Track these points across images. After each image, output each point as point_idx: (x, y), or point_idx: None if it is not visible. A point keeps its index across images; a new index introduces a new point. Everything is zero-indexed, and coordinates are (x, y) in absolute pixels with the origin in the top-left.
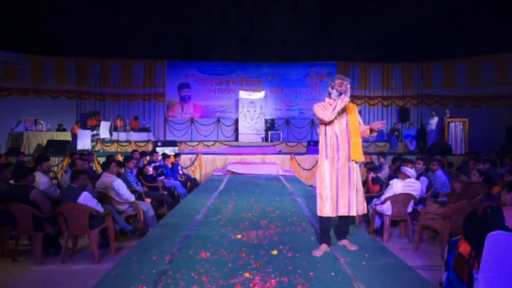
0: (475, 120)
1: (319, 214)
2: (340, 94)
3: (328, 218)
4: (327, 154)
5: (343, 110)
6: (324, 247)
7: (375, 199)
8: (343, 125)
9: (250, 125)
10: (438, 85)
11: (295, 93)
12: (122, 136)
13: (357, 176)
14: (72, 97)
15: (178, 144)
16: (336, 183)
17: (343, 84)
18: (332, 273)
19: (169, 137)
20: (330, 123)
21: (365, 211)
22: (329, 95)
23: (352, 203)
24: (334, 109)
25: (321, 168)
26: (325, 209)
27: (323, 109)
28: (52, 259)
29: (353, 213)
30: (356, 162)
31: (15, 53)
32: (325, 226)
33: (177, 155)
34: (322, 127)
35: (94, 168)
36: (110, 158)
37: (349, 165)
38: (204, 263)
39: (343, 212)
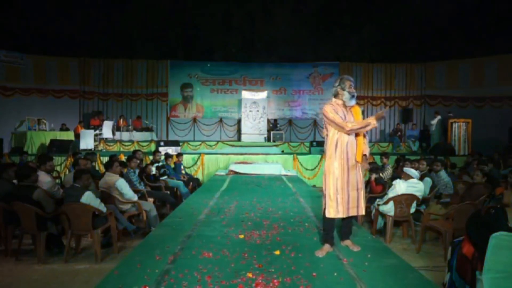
0: (478, 120)
1: (327, 215)
2: (353, 96)
3: (333, 219)
4: (337, 156)
5: (349, 112)
6: (327, 247)
7: (378, 200)
8: None
9: (253, 125)
10: (441, 85)
11: (297, 93)
12: (125, 136)
13: (359, 176)
14: (75, 96)
15: (180, 144)
16: (347, 185)
17: (352, 85)
18: (335, 274)
19: (172, 137)
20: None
21: (363, 212)
22: (336, 95)
23: (360, 203)
24: (360, 127)
25: (331, 169)
26: (334, 210)
27: (335, 114)
28: (55, 259)
29: (361, 212)
30: (360, 162)
31: (18, 53)
32: (328, 226)
33: (179, 154)
34: (331, 129)
35: (97, 168)
36: (113, 157)
37: (356, 166)
38: (206, 263)
39: (352, 212)
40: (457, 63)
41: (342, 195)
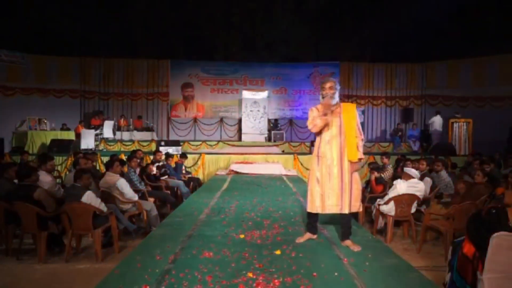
0: (479, 120)
1: (308, 210)
2: (323, 97)
3: (315, 213)
4: (320, 154)
5: (338, 111)
6: (308, 235)
7: (378, 199)
8: (337, 125)
9: (253, 125)
10: (442, 85)
11: (298, 93)
12: (126, 135)
13: (351, 175)
14: (76, 96)
15: (181, 143)
16: (328, 182)
17: (325, 87)
18: (336, 274)
19: (172, 137)
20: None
21: (357, 210)
22: None
23: (344, 202)
24: (315, 125)
25: (312, 166)
26: (311, 205)
27: (313, 115)
28: (56, 258)
29: (344, 211)
30: (351, 162)
31: (19, 53)
32: (310, 219)
33: (182, 156)
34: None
35: (97, 168)
36: (114, 157)
37: (341, 165)
38: (207, 262)
39: (334, 210)
40: (458, 63)
41: (321, 192)
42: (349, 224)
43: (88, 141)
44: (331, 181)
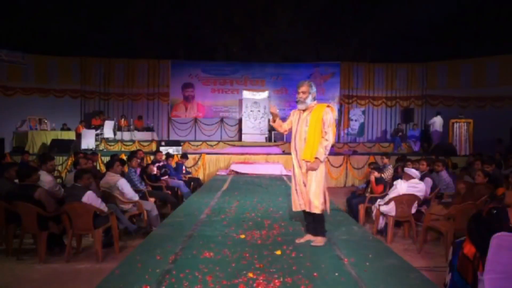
0: (480, 121)
1: (293, 209)
2: (296, 102)
3: (306, 212)
4: (292, 153)
5: (308, 114)
6: (308, 236)
7: (379, 200)
8: (302, 125)
9: (254, 125)
10: (443, 85)
11: None
12: (126, 135)
13: (308, 174)
14: (77, 96)
15: (182, 143)
16: (298, 180)
17: (298, 91)
18: (336, 274)
19: (173, 137)
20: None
21: (318, 211)
22: None
23: (307, 200)
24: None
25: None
26: (293, 204)
27: (289, 118)
28: (56, 258)
29: (309, 209)
30: (307, 161)
31: (20, 53)
32: (305, 219)
33: (183, 156)
34: None
35: (98, 168)
36: (114, 157)
37: (301, 164)
38: (207, 263)
39: (302, 208)
40: (459, 63)
41: (299, 190)
42: (313, 224)
43: (88, 141)
44: (300, 179)
